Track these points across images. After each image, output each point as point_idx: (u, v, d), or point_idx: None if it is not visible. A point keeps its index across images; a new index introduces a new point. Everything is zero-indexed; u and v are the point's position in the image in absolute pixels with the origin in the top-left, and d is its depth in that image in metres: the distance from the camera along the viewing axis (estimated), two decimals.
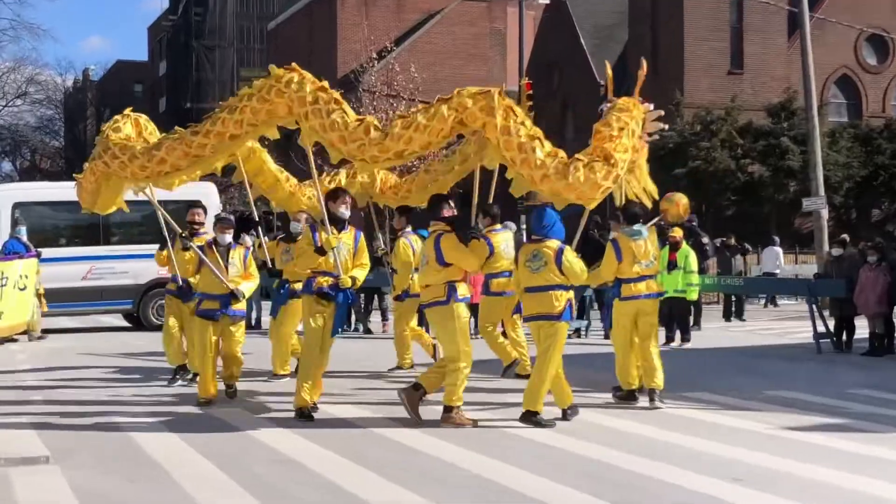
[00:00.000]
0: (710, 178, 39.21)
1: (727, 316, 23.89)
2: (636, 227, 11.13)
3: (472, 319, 13.14)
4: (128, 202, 12.48)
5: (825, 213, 27.47)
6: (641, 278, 11.06)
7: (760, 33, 44.16)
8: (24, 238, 19.00)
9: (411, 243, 13.18)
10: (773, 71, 43.95)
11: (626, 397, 11.26)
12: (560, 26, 49.55)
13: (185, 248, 12.49)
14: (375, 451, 8.81)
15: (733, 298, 24.07)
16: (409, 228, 13.52)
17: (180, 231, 12.77)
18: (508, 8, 57.67)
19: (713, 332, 20.49)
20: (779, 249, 29.19)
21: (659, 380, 10.96)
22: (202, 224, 13.27)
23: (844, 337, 17.11)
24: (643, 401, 11.07)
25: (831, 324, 17.34)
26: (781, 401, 11.59)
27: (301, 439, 9.36)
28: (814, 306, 17.01)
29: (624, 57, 48.27)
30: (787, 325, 22.76)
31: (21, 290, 18.54)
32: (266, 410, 11.03)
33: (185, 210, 13.77)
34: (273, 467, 8.25)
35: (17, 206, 20.51)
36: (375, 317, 21.35)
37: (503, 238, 12.56)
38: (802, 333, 19.54)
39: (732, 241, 25.70)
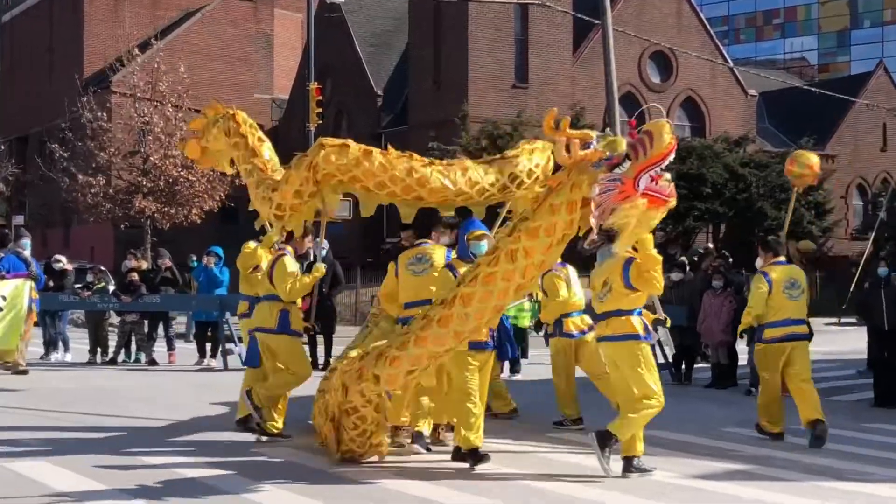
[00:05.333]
0: None
1: None
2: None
3: None
4: None
5: None
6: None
7: (545, 46, 44.58)
8: (26, 252, 16.45)
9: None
10: (558, 86, 44.43)
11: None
12: (334, 30, 48.60)
13: None
14: None
15: None
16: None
17: None
18: (276, 10, 56.38)
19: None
20: None
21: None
22: None
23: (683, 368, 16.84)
24: None
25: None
26: (662, 442, 11.00)
27: None
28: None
29: (403, 66, 47.94)
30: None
31: None
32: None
33: None
34: None
35: None
36: (160, 346, 19.73)
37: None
38: None
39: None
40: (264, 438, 10.69)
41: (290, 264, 10.90)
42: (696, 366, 17.04)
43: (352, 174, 9.79)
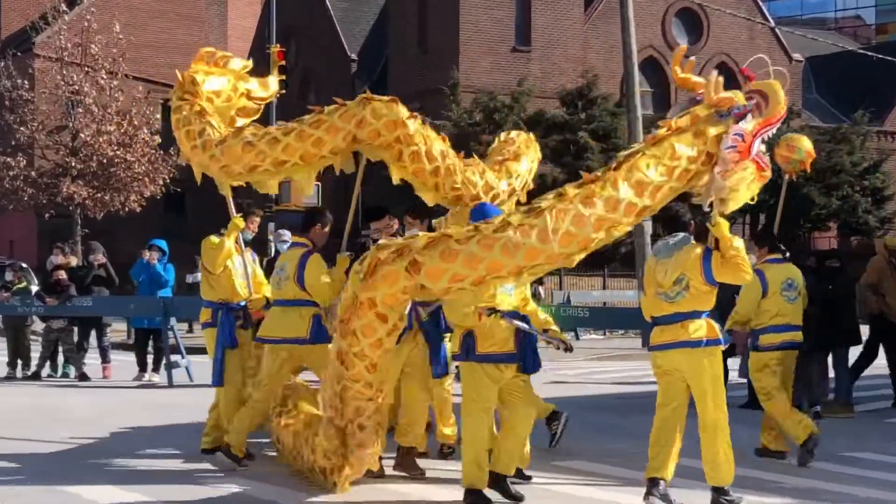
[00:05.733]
0: None
1: None
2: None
3: None
4: None
5: (649, 229, 27.35)
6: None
7: (552, 2, 44.66)
8: None
9: None
10: (567, 49, 44.53)
11: None
12: None
13: None
14: None
15: None
16: None
17: None
18: None
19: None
20: None
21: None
22: None
23: None
24: None
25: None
26: (691, 472, 11.02)
27: None
28: None
29: (382, 25, 47.92)
30: (604, 366, 22.67)
31: None
32: None
33: None
34: None
35: None
36: (92, 357, 19.78)
37: None
38: (617, 373, 19.29)
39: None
40: (218, 467, 10.67)
41: (323, 262, 10.88)
42: (728, 381, 17.03)
43: (396, 134, 10.15)
